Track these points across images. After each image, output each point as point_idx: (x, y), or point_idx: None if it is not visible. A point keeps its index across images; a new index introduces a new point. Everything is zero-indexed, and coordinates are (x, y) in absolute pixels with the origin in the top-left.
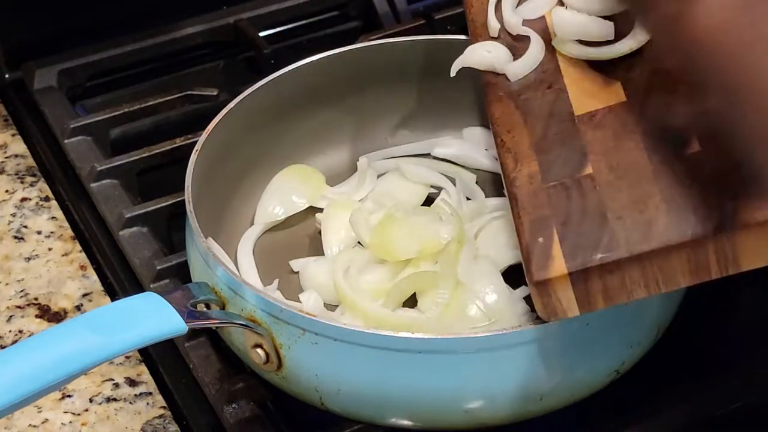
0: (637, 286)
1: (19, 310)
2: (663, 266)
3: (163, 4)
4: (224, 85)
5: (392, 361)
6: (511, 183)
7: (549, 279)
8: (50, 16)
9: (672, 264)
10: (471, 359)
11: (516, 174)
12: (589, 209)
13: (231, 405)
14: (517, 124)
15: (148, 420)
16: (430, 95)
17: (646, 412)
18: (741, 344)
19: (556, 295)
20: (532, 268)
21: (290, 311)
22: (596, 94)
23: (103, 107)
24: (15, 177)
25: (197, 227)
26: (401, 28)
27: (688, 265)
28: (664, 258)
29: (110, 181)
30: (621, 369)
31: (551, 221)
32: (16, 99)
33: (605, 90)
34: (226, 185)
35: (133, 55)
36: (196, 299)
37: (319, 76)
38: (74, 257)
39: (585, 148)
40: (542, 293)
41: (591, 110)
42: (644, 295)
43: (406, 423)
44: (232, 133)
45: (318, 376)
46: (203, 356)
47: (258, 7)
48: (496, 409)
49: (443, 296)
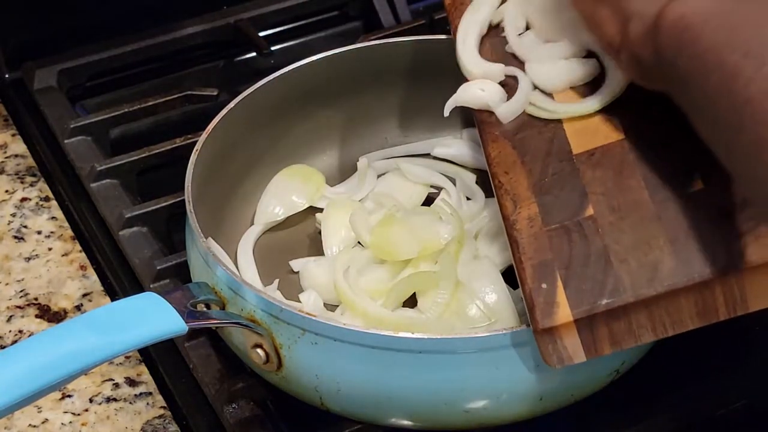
0: (644, 330)
1: (19, 310)
2: (670, 310)
3: (163, 4)
4: (224, 85)
5: (392, 361)
6: (511, 226)
7: (554, 327)
8: (50, 16)
9: (679, 307)
10: (471, 359)
11: (516, 217)
12: (593, 252)
13: (231, 405)
14: (514, 164)
15: (148, 420)
16: (430, 95)
17: (646, 412)
18: (741, 344)
19: (562, 342)
20: (537, 316)
21: (290, 311)
22: (594, 131)
23: (103, 107)
24: (15, 177)
25: (197, 227)
26: (401, 28)
27: (696, 308)
28: (671, 301)
29: (110, 181)
30: (621, 369)
31: (554, 266)
32: (16, 99)
33: (603, 126)
34: (226, 185)
35: (133, 55)
36: (196, 299)
37: (319, 76)
38: (74, 257)
39: (585, 189)
40: (547, 341)
41: (589, 148)
42: (652, 338)
43: (406, 423)
44: (232, 133)
45: (318, 376)
46: (203, 356)
47: (258, 7)
48: (496, 409)
49: (443, 296)
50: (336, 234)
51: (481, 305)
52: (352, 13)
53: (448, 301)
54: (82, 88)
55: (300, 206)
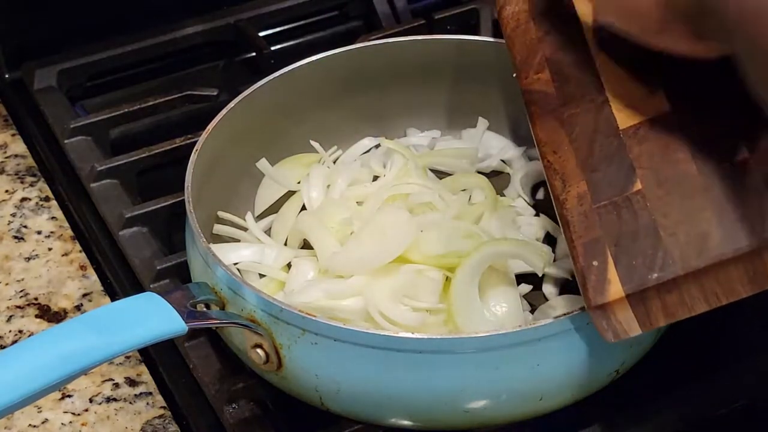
0: (696, 300)
1: (19, 310)
2: (721, 280)
3: (163, 4)
4: (224, 85)
5: (392, 361)
6: (561, 205)
7: (607, 303)
8: (50, 16)
9: (730, 277)
10: (471, 359)
11: (565, 195)
12: (642, 227)
13: (231, 405)
14: (562, 143)
15: (148, 420)
16: (430, 95)
17: (646, 412)
18: (741, 344)
19: (616, 317)
20: (590, 294)
21: (290, 311)
22: (640, 106)
23: (103, 107)
24: (15, 177)
25: (197, 227)
26: (401, 28)
27: (747, 276)
28: (722, 272)
29: (110, 181)
30: (621, 369)
31: (604, 243)
32: (16, 99)
33: (649, 100)
34: (226, 185)
35: (133, 55)
36: (196, 299)
37: (319, 76)
38: (74, 257)
39: (632, 164)
40: (602, 317)
41: (636, 123)
42: (705, 308)
43: (406, 423)
44: (232, 133)
45: (318, 376)
46: (203, 356)
47: (258, 7)
48: (496, 409)
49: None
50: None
51: (490, 315)
52: (352, 13)
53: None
54: (82, 88)
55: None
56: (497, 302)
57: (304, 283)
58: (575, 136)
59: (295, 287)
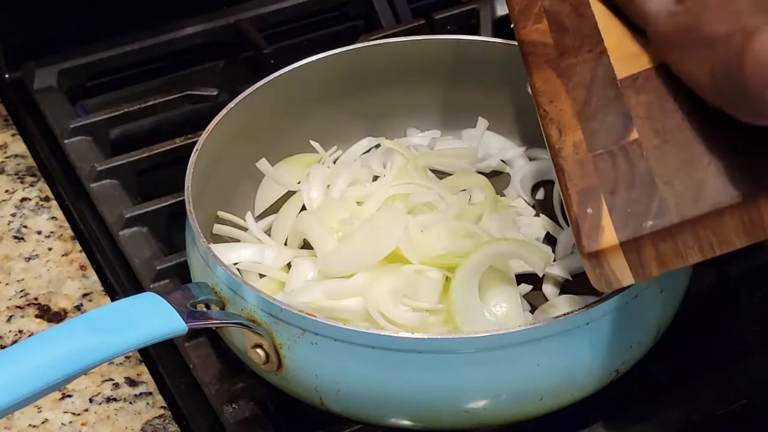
0: (691, 250)
1: (19, 310)
2: (716, 229)
3: (163, 4)
4: (224, 85)
5: (392, 361)
6: (557, 153)
7: (600, 250)
8: (50, 16)
9: (725, 226)
10: (471, 359)
11: (561, 144)
12: (637, 176)
13: (231, 405)
14: (559, 92)
15: (148, 420)
16: (430, 96)
17: (646, 412)
18: (740, 344)
19: (609, 266)
20: (583, 240)
21: (290, 311)
22: (638, 55)
23: (103, 107)
24: (15, 177)
25: (197, 227)
26: (401, 28)
27: (742, 226)
28: (717, 221)
29: (110, 181)
30: (621, 369)
31: (599, 191)
32: (16, 99)
33: (647, 50)
34: (226, 185)
35: (133, 55)
36: (196, 299)
37: (319, 76)
38: (74, 257)
39: (629, 113)
40: (594, 264)
41: (633, 73)
42: (700, 258)
43: (406, 423)
44: (232, 133)
45: (318, 376)
46: (203, 356)
47: (258, 7)
48: (496, 409)
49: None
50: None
51: (490, 315)
52: (352, 13)
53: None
54: (82, 88)
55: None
56: (497, 302)
57: (303, 283)
58: (572, 86)
59: (295, 287)
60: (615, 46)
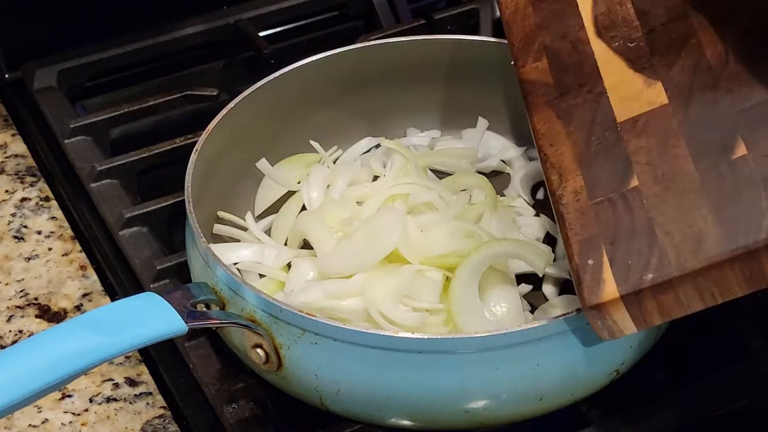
0: (692, 300)
1: (19, 310)
2: (717, 280)
3: (163, 4)
4: (224, 85)
5: (392, 361)
6: (558, 201)
7: (602, 303)
8: (50, 16)
9: (726, 277)
10: (471, 359)
11: (562, 191)
12: (638, 226)
13: (231, 405)
14: (559, 135)
15: (148, 420)
16: (430, 96)
17: (646, 412)
18: (741, 344)
19: (611, 318)
20: (585, 293)
21: (290, 311)
22: (637, 97)
23: (103, 107)
24: (15, 177)
25: (197, 227)
26: (401, 28)
27: (743, 276)
28: (717, 272)
29: (110, 181)
30: (621, 369)
31: (600, 241)
32: (16, 99)
33: (646, 92)
34: (226, 185)
35: (133, 55)
36: (196, 299)
37: (319, 76)
38: (74, 257)
39: (629, 158)
40: (597, 316)
41: (633, 115)
42: (701, 307)
43: (406, 423)
44: (232, 133)
45: (318, 376)
46: (203, 356)
47: (258, 7)
48: (496, 409)
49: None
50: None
51: (490, 315)
52: (352, 13)
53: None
54: (82, 88)
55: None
56: (497, 302)
57: (303, 283)
58: (573, 129)
59: (295, 287)
60: (615, 86)
